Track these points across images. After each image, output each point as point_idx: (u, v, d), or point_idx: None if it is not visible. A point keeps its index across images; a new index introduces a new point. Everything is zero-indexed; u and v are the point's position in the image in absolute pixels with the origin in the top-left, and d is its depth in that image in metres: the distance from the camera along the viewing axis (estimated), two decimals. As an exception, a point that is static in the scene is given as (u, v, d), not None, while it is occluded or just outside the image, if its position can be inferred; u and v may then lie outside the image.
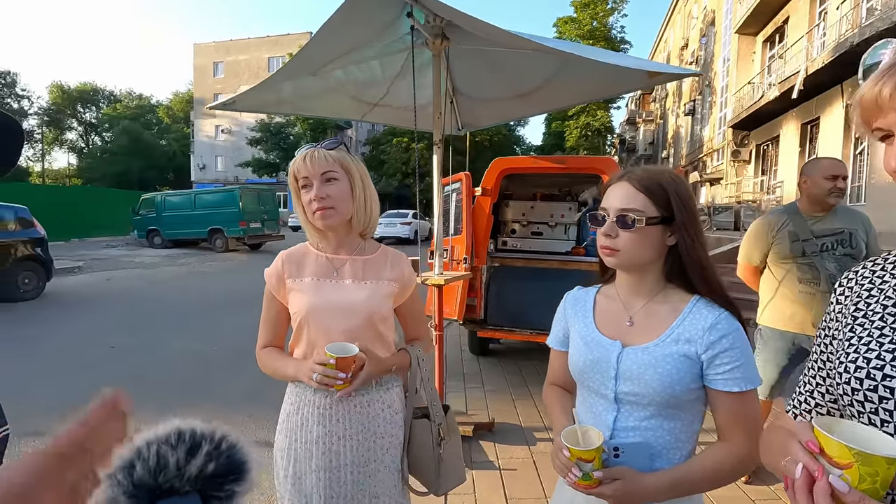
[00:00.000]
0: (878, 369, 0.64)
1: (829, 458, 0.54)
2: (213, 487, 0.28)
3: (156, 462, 0.27)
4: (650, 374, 0.94)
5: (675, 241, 0.98)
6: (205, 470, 0.28)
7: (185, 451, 0.28)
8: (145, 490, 0.26)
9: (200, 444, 0.29)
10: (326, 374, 1.16)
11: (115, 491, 0.26)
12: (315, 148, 1.28)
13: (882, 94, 0.63)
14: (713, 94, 22.37)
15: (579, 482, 0.89)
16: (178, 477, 0.27)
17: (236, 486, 0.29)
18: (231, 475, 0.29)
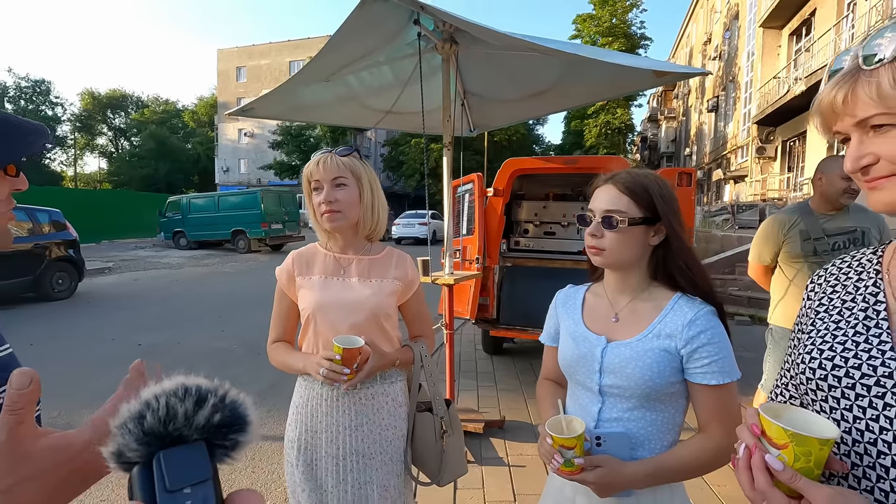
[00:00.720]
0: (829, 360, 0.68)
1: (769, 439, 0.59)
2: (218, 437, 0.30)
3: (165, 412, 0.29)
4: (631, 367, 0.98)
5: (658, 240, 1.03)
6: (211, 420, 0.29)
7: (192, 402, 0.29)
8: (155, 438, 0.28)
9: (207, 397, 0.30)
10: (332, 370, 1.23)
11: (126, 439, 0.28)
12: (328, 154, 1.35)
13: (836, 100, 0.66)
14: (737, 90, 21.90)
15: (562, 468, 0.94)
16: (187, 426, 0.29)
17: (239, 437, 0.31)
18: (234, 426, 0.30)
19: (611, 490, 0.96)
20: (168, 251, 16.64)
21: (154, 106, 53.83)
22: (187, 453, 0.28)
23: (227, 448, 0.30)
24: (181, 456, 0.28)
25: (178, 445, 0.29)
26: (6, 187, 0.66)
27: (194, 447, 0.29)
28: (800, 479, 0.55)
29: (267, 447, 3.19)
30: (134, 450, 0.28)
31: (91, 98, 48.58)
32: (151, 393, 0.30)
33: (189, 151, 48.20)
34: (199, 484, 0.27)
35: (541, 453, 1.00)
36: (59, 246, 8.07)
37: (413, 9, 2.35)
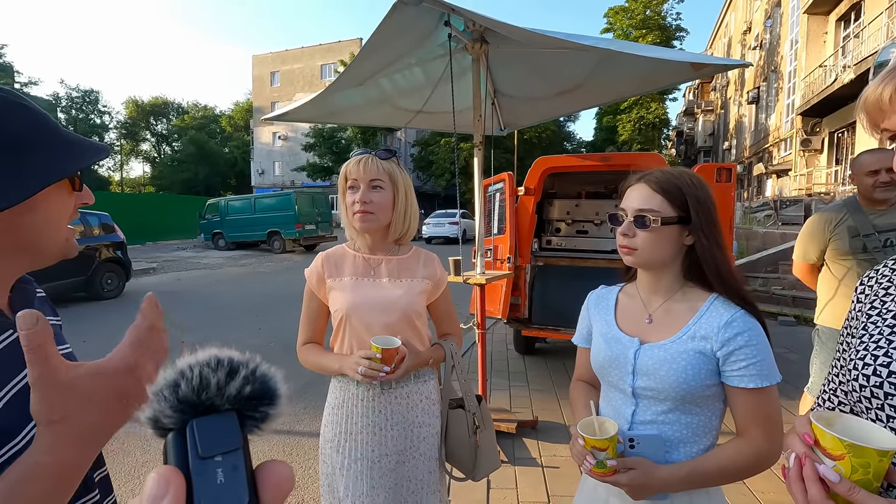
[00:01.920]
0: (885, 366, 0.65)
1: (823, 449, 0.57)
2: (249, 408, 0.30)
3: (199, 382, 0.29)
4: (665, 369, 0.97)
5: (692, 240, 1.00)
6: (242, 391, 0.30)
7: (224, 373, 0.30)
8: (188, 405, 0.29)
9: (238, 369, 0.31)
10: (371, 368, 1.25)
11: (161, 405, 0.29)
12: (369, 155, 1.38)
13: (883, 96, 0.64)
14: (780, 80, 20.97)
15: (594, 470, 0.94)
16: (219, 396, 0.29)
17: (270, 409, 0.31)
18: (265, 399, 0.31)
19: (644, 492, 0.95)
20: (208, 252, 17.25)
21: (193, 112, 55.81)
22: (219, 422, 0.29)
23: (256, 420, 0.30)
24: (213, 424, 0.29)
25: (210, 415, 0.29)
26: (73, 202, 0.70)
27: (226, 417, 0.29)
28: (859, 492, 0.53)
29: (304, 442, 3.27)
30: (169, 416, 0.28)
31: (135, 106, 50.80)
32: (186, 363, 0.30)
33: (226, 155, 49.77)
34: (230, 452, 0.28)
35: (573, 454, 1.00)
36: (108, 248, 8.49)
37: (443, 11, 2.36)
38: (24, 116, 0.61)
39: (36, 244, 0.64)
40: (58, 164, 0.61)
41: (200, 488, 0.27)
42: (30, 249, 0.64)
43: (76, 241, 0.72)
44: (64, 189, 0.66)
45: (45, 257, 0.67)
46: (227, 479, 0.27)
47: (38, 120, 0.63)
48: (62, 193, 0.66)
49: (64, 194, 0.66)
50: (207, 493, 0.27)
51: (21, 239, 0.63)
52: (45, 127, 0.63)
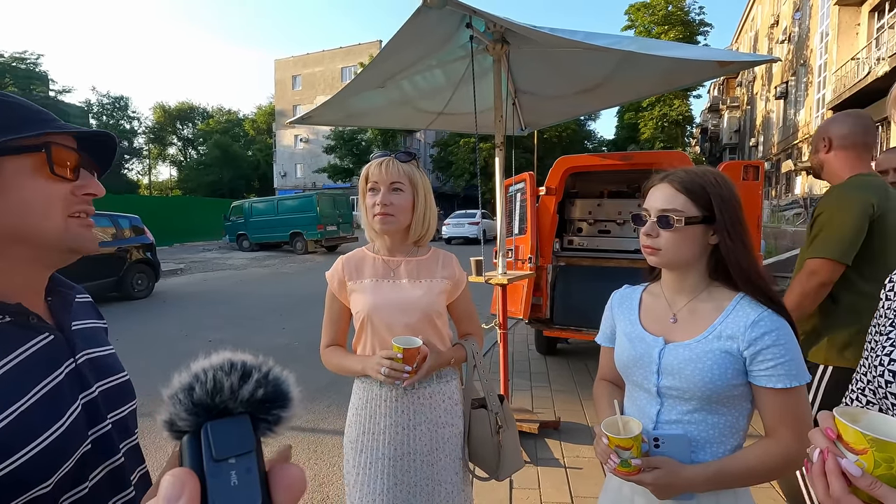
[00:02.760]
0: None
1: (846, 444, 0.57)
2: (261, 411, 0.31)
3: (213, 385, 0.30)
4: (691, 369, 0.97)
5: (717, 240, 1.00)
6: (255, 395, 0.30)
7: (237, 377, 0.30)
8: (203, 408, 0.29)
9: (251, 373, 0.31)
10: (394, 368, 1.27)
11: (177, 408, 0.29)
12: (390, 157, 1.40)
13: None
14: (809, 74, 20.36)
15: (619, 469, 0.94)
16: (232, 399, 0.30)
17: (282, 412, 0.31)
18: (277, 402, 0.31)
19: (670, 492, 0.95)
20: (232, 253, 17.62)
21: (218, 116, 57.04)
22: (233, 425, 0.30)
23: (269, 422, 0.31)
24: (227, 427, 0.29)
25: (224, 418, 0.30)
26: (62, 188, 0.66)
27: (239, 420, 0.30)
28: (880, 486, 0.53)
29: (328, 440, 3.33)
30: (184, 419, 0.29)
31: (162, 111, 52.19)
32: (200, 366, 0.31)
33: (250, 158, 50.72)
34: (244, 455, 0.29)
35: (597, 453, 1.00)
36: (138, 249, 8.76)
37: (466, 13, 2.38)
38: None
39: (20, 231, 0.63)
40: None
41: (215, 490, 0.27)
42: (17, 238, 0.63)
43: (91, 234, 0.70)
44: (39, 174, 0.64)
45: (41, 247, 0.66)
46: (241, 481, 0.28)
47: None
48: (36, 178, 0.64)
49: (40, 179, 0.64)
50: (221, 494, 0.27)
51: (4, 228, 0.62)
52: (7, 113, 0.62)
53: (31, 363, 0.65)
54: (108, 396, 0.75)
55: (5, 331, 0.64)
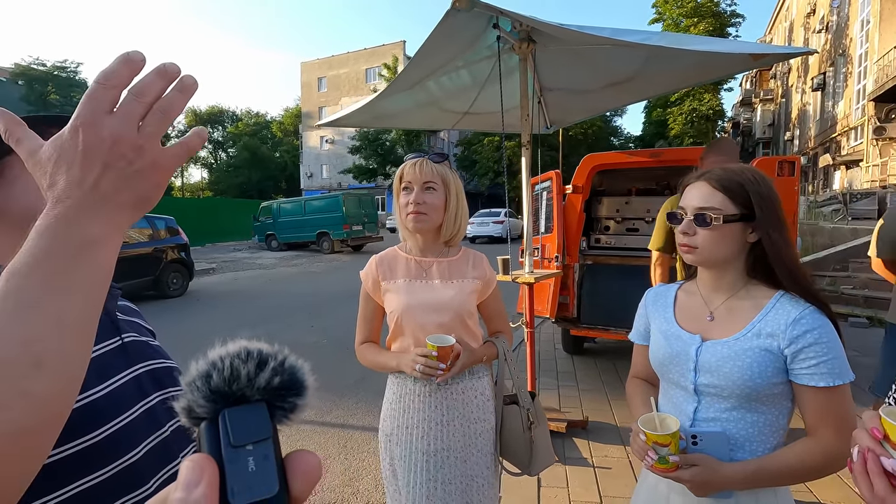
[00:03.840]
0: None
1: (893, 444, 0.57)
2: (277, 399, 0.31)
3: (230, 373, 0.30)
4: (729, 367, 0.96)
5: (756, 237, 0.99)
6: (271, 382, 0.31)
7: (254, 365, 0.31)
8: (220, 395, 0.30)
9: (267, 361, 0.31)
10: (428, 366, 1.31)
11: (195, 395, 0.30)
12: (423, 158, 1.44)
13: None
14: (849, 64, 19.54)
15: (656, 465, 0.94)
16: (249, 386, 0.30)
17: (298, 400, 0.31)
18: (293, 389, 0.31)
19: (708, 490, 0.95)
20: (261, 253, 18.02)
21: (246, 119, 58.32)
22: (249, 412, 0.30)
23: (285, 410, 0.31)
24: (244, 414, 0.30)
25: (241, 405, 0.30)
26: None
27: (256, 407, 0.30)
28: None
29: (358, 436, 3.39)
30: (202, 406, 0.29)
31: (193, 115, 53.64)
32: (217, 354, 0.31)
33: (277, 160, 51.74)
34: (261, 442, 0.29)
35: (633, 449, 1.01)
36: (173, 249, 9.07)
37: (492, 14, 2.39)
38: None
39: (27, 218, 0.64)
40: None
41: (233, 476, 0.28)
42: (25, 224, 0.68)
43: None
44: None
45: None
46: (258, 467, 0.28)
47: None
48: None
49: None
50: (239, 480, 0.28)
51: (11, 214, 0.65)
52: None
53: None
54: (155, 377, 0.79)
55: None
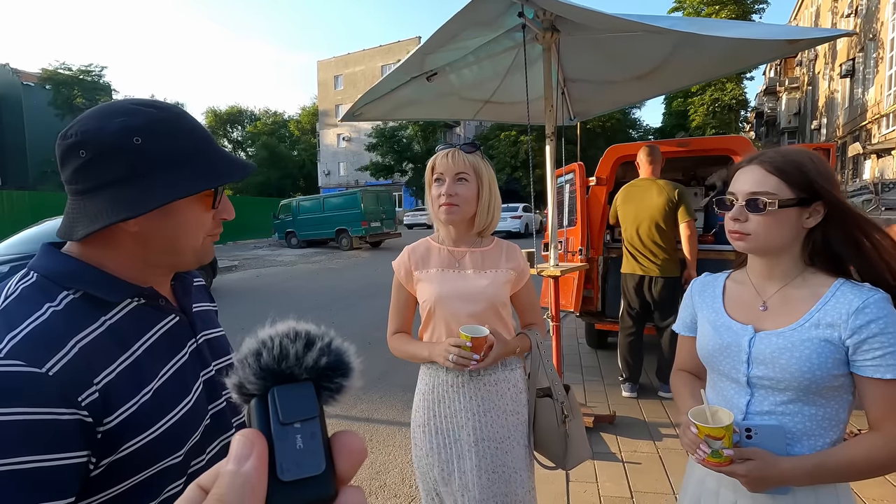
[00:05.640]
0: None
1: None
2: (324, 379, 0.32)
3: (279, 351, 0.31)
4: (786, 358, 0.92)
5: (814, 222, 0.95)
6: (318, 362, 0.31)
7: (302, 345, 0.31)
8: (269, 373, 0.30)
9: (315, 341, 0.32)
10: (462, 356, 1.29)
11: (245, 372, 0.31)
12: (455, 148, 1.41)
13: None
14: (880, 49, 18.83)
15: (709, 459, 0.91)
16: (297, 366, 0.31)
17: (344, 381, 0.32)
18: (339, 370, 0.32)
19: (763, 485, 0.91)
20: (282, 250, 18.23)
21: (265, 118, 58.94)
22: (298, 391, 0.30)
23: (332, 390, 0.32)
24: (292, 393, 0.30)
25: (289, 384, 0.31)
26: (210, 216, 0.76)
27: (304, 386, 0.31)
28: None
29: (382, 430, 3.40)
30: (252, 383, 0.30)
31: (214, 115, 54.46)
32: (267, 333, 0.32)
33: (295, 158, 52.17)
34: (308, 420, 0.29)
35: (684, 443, 0.97)
36: (197, 247, 9.21)
37: (518, 1, 2.35)
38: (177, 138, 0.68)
39: (174, 249, 0.72)
40: (187, 183, 0.67)
41: (282, 452, 0.28)
42: (170, 252, 0.73)
43: (212, 249, 0.80)
44: (201, 204, 0.73)
45: (182, 261, 0.75)
46: (306, 445, 0.29)
47: (187, 140, 0.69)
48: (198, 208, 0.73)
49: (199, 209, 0.73)
50: (288, 456, 0.28)
51: (161, 244, 0.71)
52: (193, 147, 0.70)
53: (162, 342, 0.71)
54: (223, 374, 0.80)
55: (142, 312, 0.71)
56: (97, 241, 0.68)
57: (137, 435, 0.62)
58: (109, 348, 0.63)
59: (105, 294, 0.66)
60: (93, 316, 0.64)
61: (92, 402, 0.58)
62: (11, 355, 0.55)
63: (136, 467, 0.63)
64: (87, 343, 0.61)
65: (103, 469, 0.60)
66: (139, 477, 0.64)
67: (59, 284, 0.64)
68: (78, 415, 0.56)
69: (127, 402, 0.62)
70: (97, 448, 0.59)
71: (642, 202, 3.45)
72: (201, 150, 0.71)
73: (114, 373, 0.62)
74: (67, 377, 0.57)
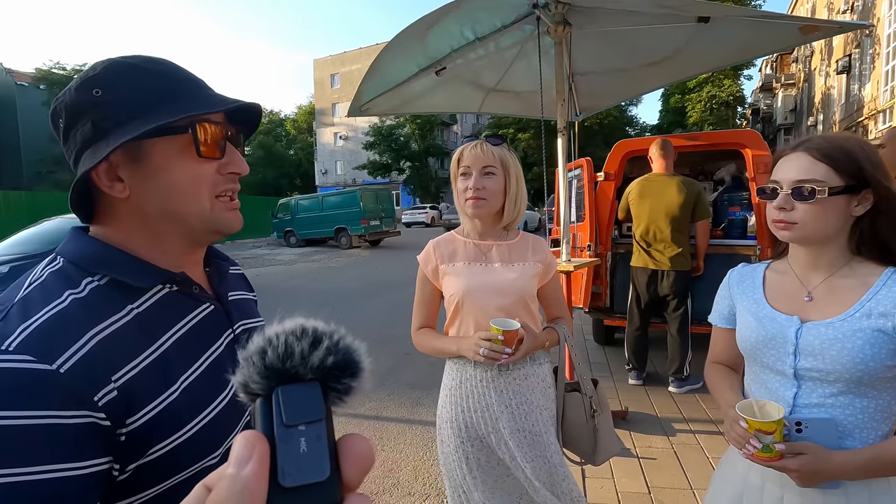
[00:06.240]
0: None
1: None
2: (331, 379, 0.30)
3: (284, 350, 0.29)
4: (837, 349, 0.90)
5: (863, 210, 0.93)
6: (325, 362, 0.30)
7: (308, 343, 0.30)
8: (275, 373, 0.29)
9: (322, 339, 0.31)
10: (493, 349, 1.26)
11: (250, 371, 0.29)
12: (481, 141, 1.39)
13: None
14: (876, 45, 18.88)
15: (759, 454, 0.89)
16: (303, 365, 0.29)
17: (352, 382, 0.31)
18: (347, 370, 0.31)
19: (816, 479, 0.89)
20: (280, 249, 18.16)
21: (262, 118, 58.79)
22: (303, 391, 0.29)
23: (339, 392, 0.30)
24: (297, 393, 0.29)
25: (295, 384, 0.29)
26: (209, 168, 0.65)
27: (310, 386, 0.29)
28: None
29: (392, 428, 3.37)
30: (256, 382, 0.29)
31: (211, 115, 54.23)
32: (273, 330, 0.31)
33: (292, 157, 52.00)
34: (314, 422, 0.28)
35: (730, 438, 0.95)
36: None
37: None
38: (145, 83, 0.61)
39: (172, 212, 0.63)
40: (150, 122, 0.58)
41: (284, 455, 0.27)
42: (170, 217, 0.64)
43: (236, 215, 0.70)
44: (186, 154, 0.63)
45: (189, 228, 0.66)
46: (310, 448, 0.27)
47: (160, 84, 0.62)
48: (184, 158, 0.63)
49: (188, 160, 0.63)
50: (290, 460, 0.27)
51: (156, 206, 0.63)
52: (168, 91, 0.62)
53: (196, 332, 0.65)
54: None
55: (173, 300, 0.65)
56: (110, 220, 0.63)
57: (168, 436, 0.57)
58: (134, 340, 0.57)
59: (133, 279, 0.60)
60: (119, 304, 0.58)
61: (110, 402, 0.52)
62: (20, 349, 0.49)
63: (169, 470, 0.58)
64: (108, 335, 0.55)
65: (131, 473, 0.55)
66: (173, 481, 0.58)
67: (85, 270, 0.59)
68: (92, 417, 0.51)
69: (153, 401, 0.56)
70: (120, 452, 0.53)
71: (660, 198, 3.46)
72: (173, 91, 0.62)
73: (137, 368, 0.56)
74: (81, 374, 0.51)
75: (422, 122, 33.09)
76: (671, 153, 3.51)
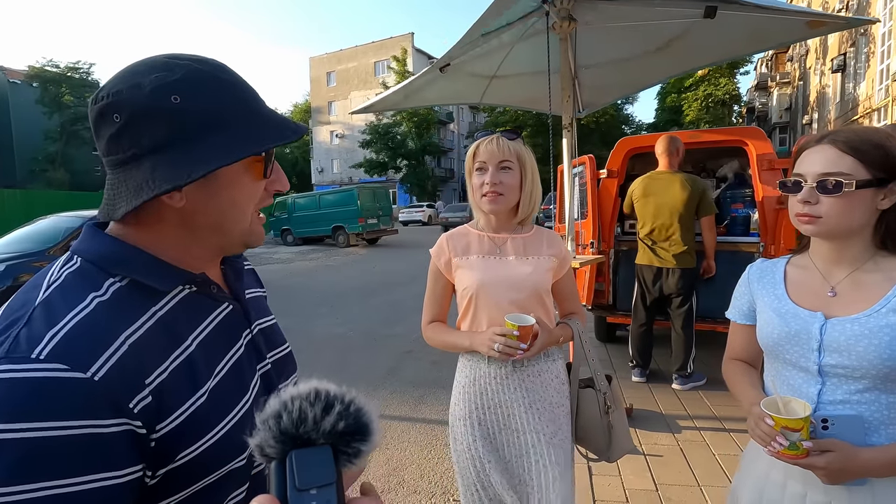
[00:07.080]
0: None
1: None
2: (342, 443, 0.31)
3: (298, 415, 0.31)
4: (864, 345, 0.89)
5: (889, 203, 0.92)
6: (336, 427, 0.31)
7: (321, 408, 0.31)
8: (289, 437, 0.30)
9: (333, 404, 0.32)
10: (508, 345, 1.25)
11: (266, 435, 0.31)
12: (497, 135, 1.37)
13: None
14: (871, 44, 18.98)
15: (784, 452, 0.88)
16: (315, 430, 0.31)
17: (362, 445, 0.32)
18: (357, 434, 0.32)
19: (842, 477, 0.88)
20: (278, 248, 18.08)
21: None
22: (315, 456, 0.30)
23: (349, 455, 0.31)
24: (310, 458, 0.30)
25: (308, 447, 0.30)
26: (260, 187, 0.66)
27: (321, 450, 0.31)
28: None
29: (395, 426, 3.36)
30: (272, 446, 0.30)
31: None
32: (289, 394, 0.32)
33: (287, 156, 51.80)
34: (325, 487, 0.29)
35: (755, 435, 0.94)
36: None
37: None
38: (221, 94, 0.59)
39: (221, 227, 0.63)
40: (237, 145, 0.58)
41: None
42: (217, 231, 0.64)
43: (262, 230, 0.70)
44: (251, 172, 0.63)
45: (228, 242, 0.66)
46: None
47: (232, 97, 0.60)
48: (249, 177, 0.63)
49: (249, 178, 0.63)
50: None
51: (209, 220, 0.62)
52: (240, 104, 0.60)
53: (216, 334, 0.64)
54: (277, 367, 0.75)
55: (193, 301, 0.63)
56: (142, 221, 0.60)
57: (195, 441, 0.56)
58: (161, 343, 0.56)
59: (155, 281, 0.59)
60: (142, 307, 0.57)
61: (145, 408, 0.51)
62: (52, 357, 0.47)
63: (197, 475, 0.57)
64: (138, 338, 0.54)
65: (159, 479, 0.54)
66: (200, 484, 0.57)
67: (105, 270, 0.57)
68: (130, 425, 0.50)
69: (182, 405, 0.55)
70: (151, 458, 0.52)
71: (665, 195, 3.46)
72: (248, 107, 0.61)
73: (167, 371, 0.55)
74: (116, 380, 0.50)
75: (419, 121, 33.03)
76: (677, 150, 3.50)
